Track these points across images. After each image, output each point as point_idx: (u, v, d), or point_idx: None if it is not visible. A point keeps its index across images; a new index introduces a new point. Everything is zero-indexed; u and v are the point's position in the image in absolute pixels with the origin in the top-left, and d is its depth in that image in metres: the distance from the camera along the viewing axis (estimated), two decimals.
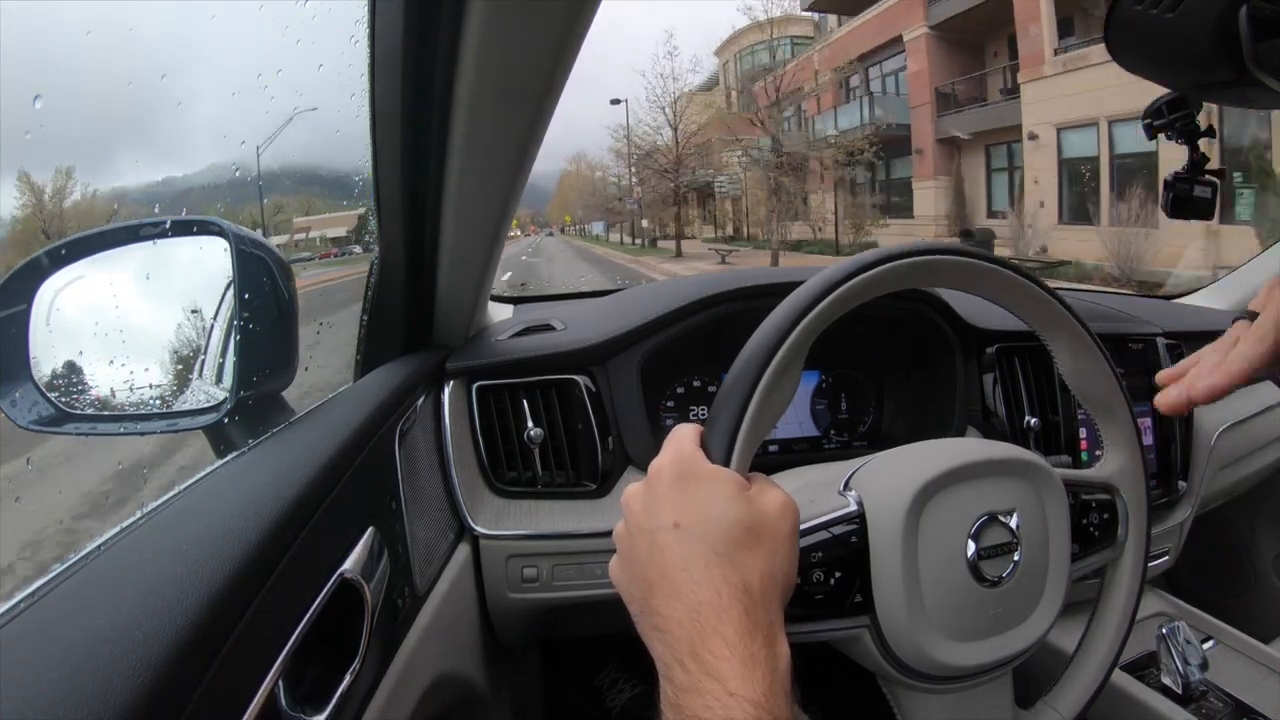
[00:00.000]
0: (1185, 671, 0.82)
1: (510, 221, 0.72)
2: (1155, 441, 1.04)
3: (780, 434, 0.98)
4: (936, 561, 0.47)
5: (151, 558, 0.38)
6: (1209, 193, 0.69)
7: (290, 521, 0.42)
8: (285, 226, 2.50)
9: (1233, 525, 1.40)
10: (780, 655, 0.36)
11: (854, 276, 0.47)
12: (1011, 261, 0.53)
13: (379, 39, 0.56)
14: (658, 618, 0.38)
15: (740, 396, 0.45)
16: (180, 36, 0.65)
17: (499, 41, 0.48)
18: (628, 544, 0.42)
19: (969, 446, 0.52)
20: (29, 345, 0.54)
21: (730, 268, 9.38)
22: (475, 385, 0.83)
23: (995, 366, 0.95)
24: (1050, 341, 0.56)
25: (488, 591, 0.81)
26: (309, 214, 2.69)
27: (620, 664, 1.12)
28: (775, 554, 0.40)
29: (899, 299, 0.78)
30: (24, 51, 0.51)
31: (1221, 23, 0.45)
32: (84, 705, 0.27)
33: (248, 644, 0.35)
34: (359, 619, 0.48)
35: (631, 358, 0.86)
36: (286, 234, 2.62)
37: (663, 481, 0.42)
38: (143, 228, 0.59)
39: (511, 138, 0.57)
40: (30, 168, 0.50)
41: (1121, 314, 1.13)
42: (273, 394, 0.62)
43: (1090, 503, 0.56)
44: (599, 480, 0.83)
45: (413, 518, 0.64)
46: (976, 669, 0.49)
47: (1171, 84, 0.61)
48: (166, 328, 0.61)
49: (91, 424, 0.57)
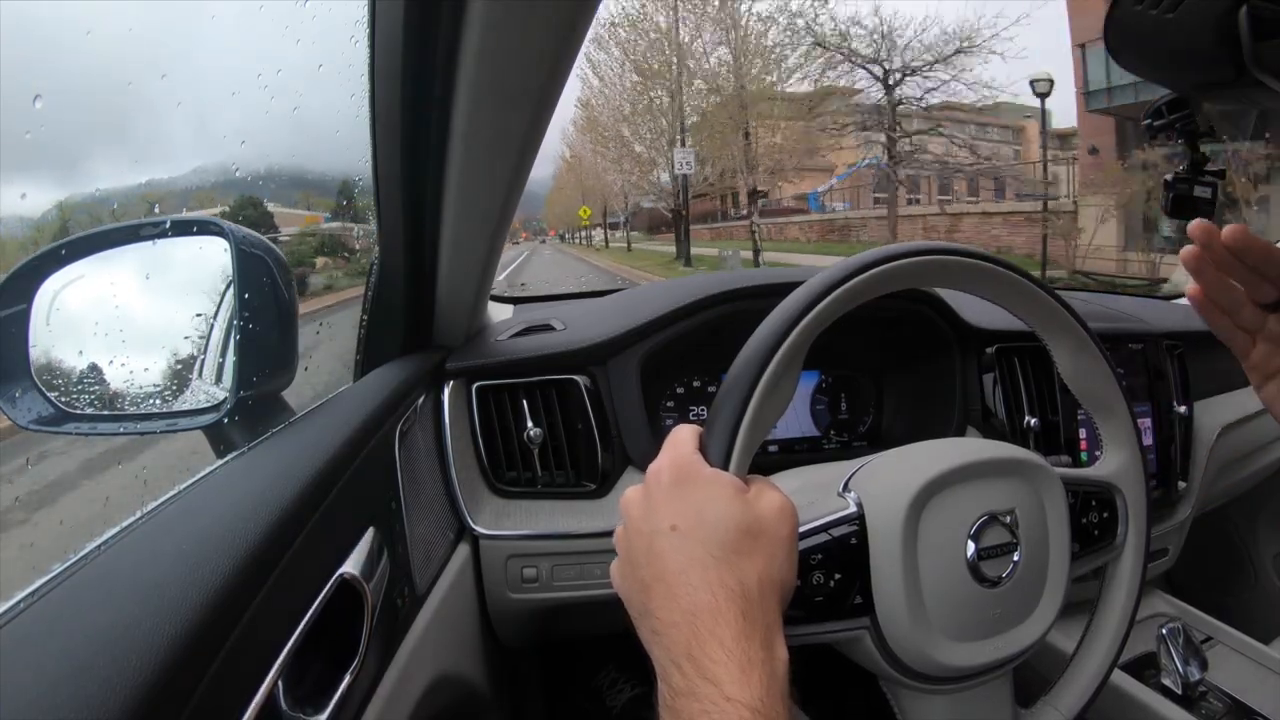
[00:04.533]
0: (1185, 672, 0.82)
1: (510, 221, 0.72)
2: (1155, 441, 1.04)
3: (780, 434, 0.98)
4: (936, 562, 0.47)
5: (151, 558, 0.38)
6: (1209, 193, 0.69)
7: (290, 521, 0.42)
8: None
9: (1233, 525, 1.40)
10: (778, 659, 0.36)
11: (853, 277, 0.47)
12: (1010, 261, 0.53)
13: (379, 39, 0.56)
14: (656, 621, 0.38)
15: (739, 398, 0.44)
16: (180, 36, 0.65)
17: (499, 41, 0.48)
18: (626, 547, 0.42)
19: (967, 446, 0.52)
20: (29, 345, 0.54)
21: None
22: (475, 385, 0.83)
23: (995, 366, 0.95)
24: (1048, 340, 0.56)
25: (487, 592, 0.81)
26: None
27: (620, 664, 1.12)
28: (773, 557, 0.39)
29: (899, 299, 0.78)
30: (24, 52, 0.51)
31: (1221, 23, 0.45)
32: (84, 705, 0.27)
33: (248, 644, 0.35)
34: (359, 619, 0.48)
35: (631, 358, 0.86)
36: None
37: (660, 485, 0.42)
38: (143, 227, 0.59)
39: (511, 137, 0.57)
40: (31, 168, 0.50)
41: (1121, 314, 1.13)
42: (273, 394, 0.62)
43: (1090, 501, 0.56)
44: (599, 480, 0.83)
45: (413, 518, 0.64)
46: (977, 669, 0.49)
47: (1171, 84, 0.61)
48: (166, 328, 0.61)
49: (91, 424, 0.57)
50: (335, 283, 1.51)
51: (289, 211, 1.60)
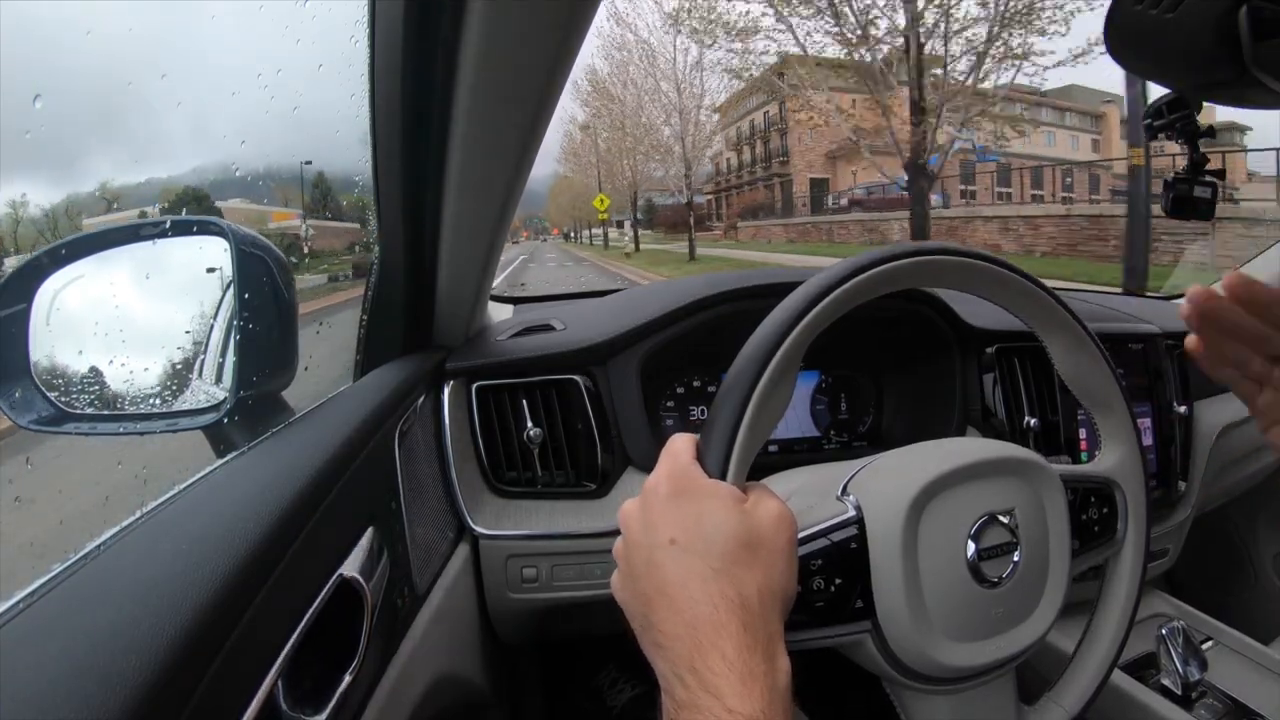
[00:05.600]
0: (1185, 672, 0.82)
1: (510, 221, 0.72)
2: (1155, 441, 1.04)
3: (780, 434, 0.98)
4: (937, 563, 0.47)
5: (151, 558, 0.38)
6: (1209, 193, 0.69)
7: (290, 521, 0.42)
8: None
9: (1233, 525, 1.40)
10: (780, 670, 0.36)
11: (852, 278, 0.47)
12: (1009, 261, 0.53)
13: (379, 39, 0.56)
14: (658, 634, 0.38)
15: (735, 405, 0.44)
16: (180, 37, 0.65)
17: (499, 41, 0.48)
18: (626, 560, 0.42)
19: (966, 447, 0.52)
20: (29, 345, 0.54)
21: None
22: (475, 385, 0.83)
23: (995, 366, 0.95)
24: (1047, 339, 0.56)
25: (487, 591, 0.81)
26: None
27: (620, 664, 1.12)
28: (773, 567, 0.39)
29: (899, 299, 0.78)
30: (24, 52, 0.51)
31: (1221, 23, 0.45)
32: (84, 705, 0.27)
33: (247, 644, 0.35)
34: (359, 619, 0.48)
35: (631, 358, 0.86)
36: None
37: (659, 497, 0.42)
38: (143, 227, 0.59)
39: (512, 137, 0.57)
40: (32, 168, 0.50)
41: (1121, 314, 1.13)
42: (273, 394, 0.62)
43: (1089, 497, 0.56)
44: (599, 480, 0.83)
45: (412, 518, 0.64)
46: (979, 669, 0.49)
47: (1171, 84, 0.61)
48: (166, 328, 0.61)
49: (91, 424, 0.57)
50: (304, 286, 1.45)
51: (254, 208, 1.51)
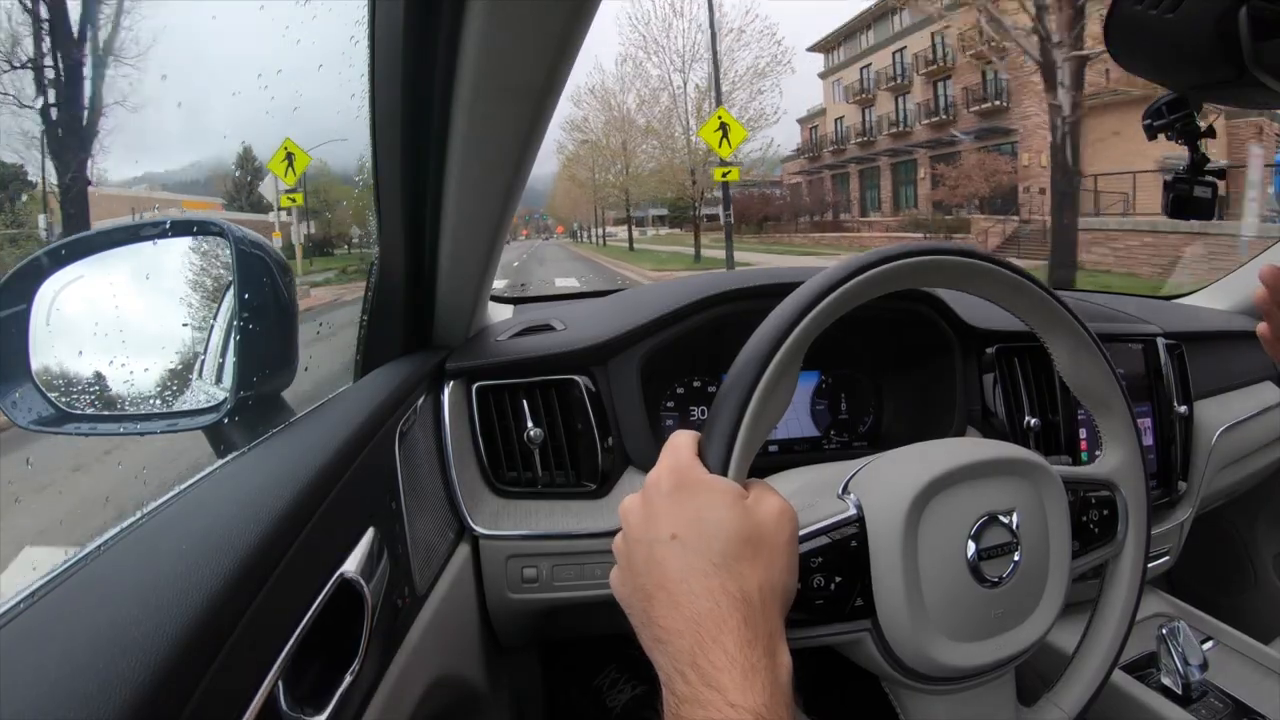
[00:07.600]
0: (1185, 672, 0.82)
1: (510, 221, 0.72)
2: (1155, 441, 1.04)
3: (780, 434, 0.98)
4: (937, 563, 0.47)
5: (151, 558, 0.38)
6: (1209, 193, 0.69)
7: (290, 521, 0.42)
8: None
9: (1233, 525, 1.40)
10: (781, 665, 0.36)
11: (851, 278, 0.47)
12: (1008, 261, 0.53)
13: (379, 39, 0.56)
14: (658, 629, 0.38)
15: (737, 402, 0.44)
16: (180, 37, 0.65)
17: (499, 41, 0.48)
18: (626, 556, 0.42)
19: (966, 447, 0.52)
20: (29, 345, 0.54)
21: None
22: (475, 385, 0.83)
23: (995, 366, 0.95)
24: (1047, 339, 0.56)
25: (487, 592, 0.81)
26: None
27: (620, 664, 1.12)
28: (774, 563, 0.39)
29: (899, 299, 0.78)
30: (26, 52, 0.51)
31: (1221, 23, 0.45)
32: (84, 705, 0.27)
33: (247, 644, 0.35)
34: (359, 619, 0.48)
35: (631, 358, 0.86)
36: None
37: (660, 492, 0.42)
38: (143, 228, 0.59)
39: (511, 137, 0.57)
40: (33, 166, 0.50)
41: (1121, 314, 1.13)
42: (273, 394, 0.62)
43: (1090, 499, 0.56)
44: (599, 480, 0.83)
45: (413, 518, 0.64)
46: (979, 669, 0.49)
47: (1171, 84, 0.61)
48: (166, 328, 0.61)
49: (91, 424, 0.57)
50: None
51: (164, 196, 1.39)
